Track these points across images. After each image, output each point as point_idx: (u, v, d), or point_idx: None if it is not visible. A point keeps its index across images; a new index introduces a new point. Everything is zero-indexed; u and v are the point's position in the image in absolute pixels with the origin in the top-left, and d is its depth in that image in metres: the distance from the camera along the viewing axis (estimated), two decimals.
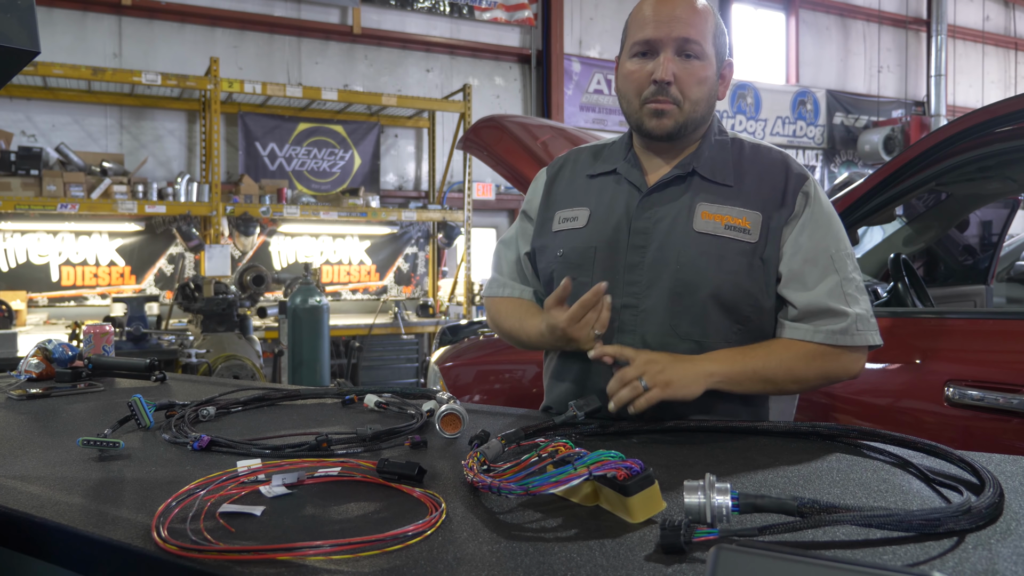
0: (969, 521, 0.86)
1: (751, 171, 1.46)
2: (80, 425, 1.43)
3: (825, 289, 1.39)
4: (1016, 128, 1.98)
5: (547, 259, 1.55)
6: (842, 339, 1.38)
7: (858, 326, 1.39)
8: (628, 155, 1.53)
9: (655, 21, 1.41)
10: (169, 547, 0.81)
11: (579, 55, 9.02)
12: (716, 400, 1.39)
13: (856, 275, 1.43)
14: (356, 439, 1.25)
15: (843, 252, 1.43)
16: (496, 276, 1.67)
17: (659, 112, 1.42)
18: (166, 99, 7.06)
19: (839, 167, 10.95)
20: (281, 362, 5.85)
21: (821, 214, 1.43)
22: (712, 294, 1.39)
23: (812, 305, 1.39)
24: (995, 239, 3.51)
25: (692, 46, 1.40)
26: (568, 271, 1.49)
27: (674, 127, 1.43)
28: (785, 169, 1.46)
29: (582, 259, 1.48)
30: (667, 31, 1.40)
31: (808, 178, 1.46)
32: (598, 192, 1.53)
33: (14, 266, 6.60)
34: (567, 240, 1.52)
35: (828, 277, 1.40)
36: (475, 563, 0.79)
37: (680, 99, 1.41)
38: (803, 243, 1.41)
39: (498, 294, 1.65)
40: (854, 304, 1.40)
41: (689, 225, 1.42)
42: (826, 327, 1.38)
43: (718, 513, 0.84)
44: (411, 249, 8.22)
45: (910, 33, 11.57)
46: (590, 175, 1.56)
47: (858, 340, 1.39)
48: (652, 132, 1.44)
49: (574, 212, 1.54)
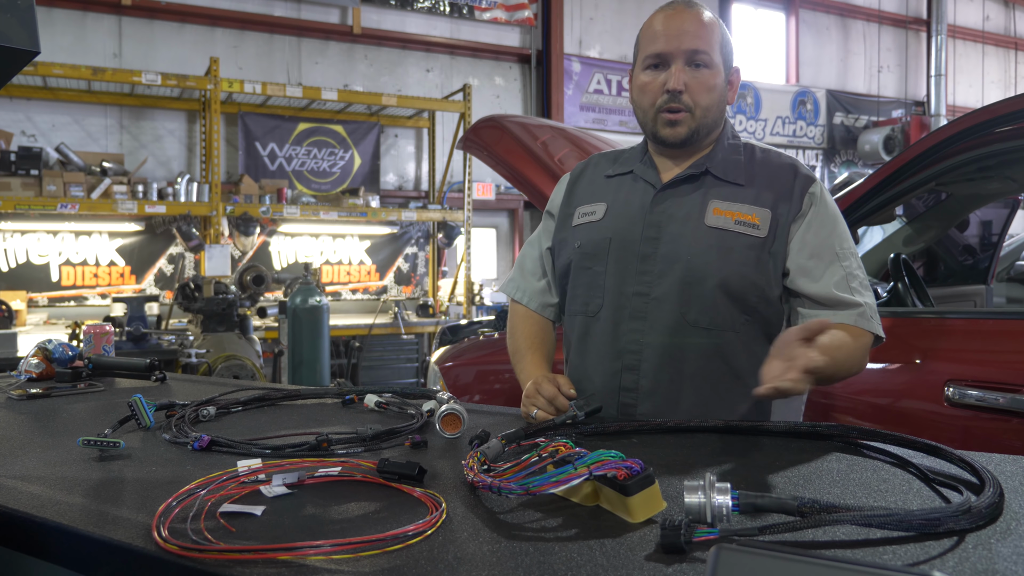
0: (969, 521, 0.86)
1: (761, 172, 1.53)
2: (80, 425, 1.43)
3: (832, 281, 1.45)
4: (1016, 128, 1.98)
5: (566, 251, 1.63)
6: (863, 322, 1.44)
7: (870, 313, 1.46)
8: (644, 158, 1.61)
9: (665, 35, 1.49)
10: (170, 547, 0.81)
11: (579, 55, 9.02)
12: (713, 395, 1.47)
13: (860, 272, 1.49)
14: (356, 439, 1.25)
15: (847, 249, 1.49)
16: (515, 275, 1.78)
17: (673, 122, 1.50)
18: (166, 99, 7.06)
19: (839, 167, 10.95)
20: (281, 362, 5.85)
21: (827, 214, 1.50)
22: (720, 284, 1.45)
23: (822, 295, 1.45)
24: (995, 239, 3.51)
25: (701, 56, 1.48)
26: (584, 261, 1.58)
27: (688, 134, 1.51)
28: (794, 172, 1.53)
29: (597, 249, 1.56)
30: (677, 44, 1.48)
31: (815, 180, 1.53)
32: (615, 189, 1.62)
33: (14, 266, 6.60)
34: (585, 233, 1.60)
35: (833, 270, 1.46)
36: (475, 563, 0.79)
37: (692, 106, 1.49)
38: (809, 240, 1.47)
39: (512, 295, 1.77)
40: (859, 296, 1.46)
41: (701, 220, 1.49)
42: (844, 312, 1.43)
43: (718, 513, 0.84)
44: (411, 249, 8.22)
45: (910, 33, 11.57)
46: (608, 175, 1.65)
47: (873, 326, 1.45)
48: (667, 140, 1.52)
49: (592, 207, 1.62)
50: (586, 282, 1.57)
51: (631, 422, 1.36)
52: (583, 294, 1.58)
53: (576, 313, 1.60)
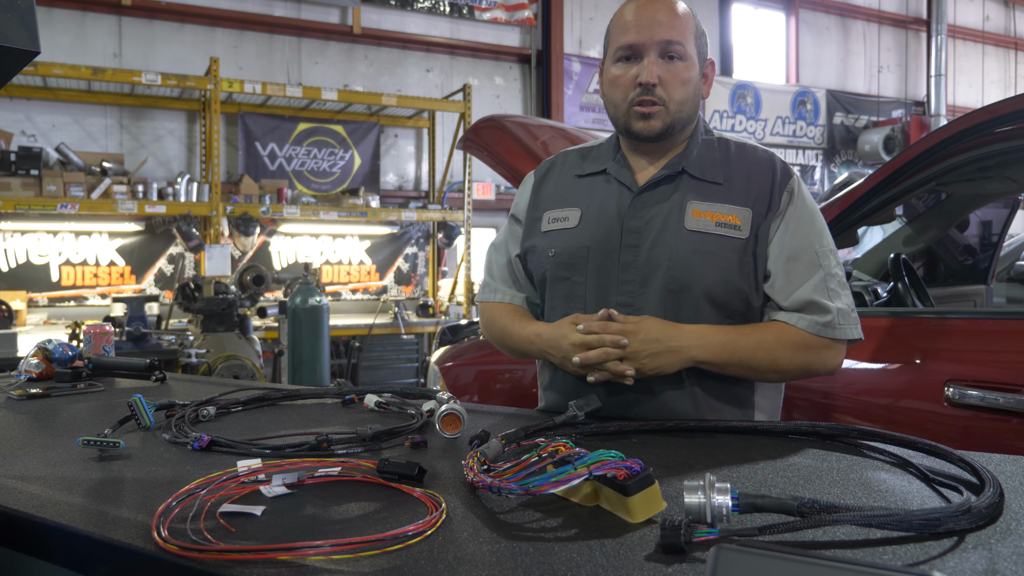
0: (969, 521, 0.86)
1: (739, 169, 1.49)
2: (80, 425, 1.43)
3: (811, 284, 1.43)
4: (1016, 128, 1.98)
5: (538, 259, 1.56)
6: (826, 331, 1.42)
7: (840, 320, 1.43)
8: (617, 156, 1.55)
9: (637, 25, 1.44)
10: (169, 547, 0.81)
11: (579, 55, 9.02)
12: (705, 399, 1.45)
13: (838, 270, 1.47)
14: (356, 439, 1.25)
15: (826, 248, 1.46)
16: (488, 280, 1.69)
17: (646, 115, 1.45)
18: (166, 99, 7.06)
19: (839, 167, 10.95)
20: (281, 362, 5.85)
21: (805, 211, 1.47)
22: (705, 291, 1.42)
23: (798, 299, 1.43)
24: (995, 239, 3.51)
25: (675, 47, 1.43)
26: (561, 271, 1.51)
27: (662, 128, 1.45)
28: (772, 167, 1.49)
29: (574, 259, 1.50)
30: (650, 35, 1.43)
31: (793, 175, 1.49)
32: (588, 192, 1.55)
33: (14, 266, 6.60)
34: (558, 240, 1.53)
35: (812, 272, 1.43)
36: (475, 563, 0.79)
37: (666, 100, 1.44)
38: (787, 240, 1.44)
39: (490, 299, 1.66)
40: (836, 299, 1.43)
41: (681, 223, 1.44)
42: (811, 318, 1.42)
43: (718, 513, 0.84)
44: (411, 249, 8.22)
45: (910, 33, 11.57)
46: (579, 175, 1.58)
47: (839, 334, 1.43)
48: (640, 134, 1.47)
49: (564, 212, 1.55)
50: (564, 293, 1.51)
51: (631, 422, 1.36)
52: (562, 305, 1.51)
53: None
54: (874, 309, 2.42)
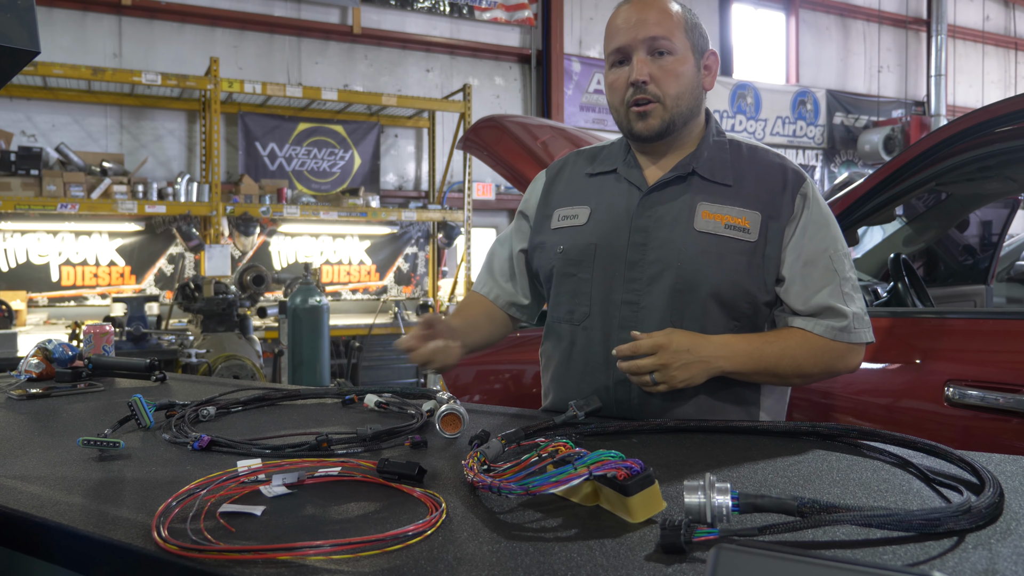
0: (969, 521, 0.86)
1: (750, 172, 1.49)
2: (80, 425, 1.43)
3: (828, 290, 1.43)
4: (1016, 128, 1.98)
5: (546, 256, 1.58)
6: (843, 336, 1.44)
7: (855, 324, 1.45)
8: (627, 157, 1.56)
9: (624, 28, 1.46)
10: (169, 547, 0.81)
11: (579, 55, 9.02)
12: (709, 401, 1.45)
13: (852, 274, 1.48)
14: (356, 439, 1.25)
15: (841, 252, 1.47)
16: (482, 275, 1.72)
17: (643, 114, 1.46)
18: (166, 99, 7.06)
19: (839, 167, 10.95)
20: (281, 362, 5.85)
21: (820, 215, 1.47)
22: (712, 292, 1.42)
23: (815, 304, 1.43)
24: (995, 239, 3.51)
25: (662, 43, 1.44)
26: (568, 267, 1.53)
27: (660, 125, 1.46)
28: (783, 171, 1.49)
29: (582, 256, 1.51)
30: (635, 34, 1.44)
31: (806, 179, 1.49)
32: (598, 191, 1.56)
33: (14, 266, 6.60)
34: (567, 237, 1.54)
35: (829, 277, 1.44)
36: (475, 563, 0.79)
37: (660, 96, 1.45)
38: (804, 245, 1.44)
39: (475, 289, 1.72)
40: (851, 303, 1.45)
41: (690, 224, 1.44)
42: (828, 323, 1.43)
43: (718, 513, 0.84)
44: (411, 249, 8.22)
45: (910, 33, 11.57)
46: (590, 174, 1.59)
47: (854, 338, 1.45)
48: (640, 134, 1.47)
49: (574, 210, 1.56)
50: (570, 289, 1.52)
51: (631, 422, 1.36)
52: (567, 301, 1.53)
53: (560, 321, 1.55)
54: (874, 309, 2.42)
